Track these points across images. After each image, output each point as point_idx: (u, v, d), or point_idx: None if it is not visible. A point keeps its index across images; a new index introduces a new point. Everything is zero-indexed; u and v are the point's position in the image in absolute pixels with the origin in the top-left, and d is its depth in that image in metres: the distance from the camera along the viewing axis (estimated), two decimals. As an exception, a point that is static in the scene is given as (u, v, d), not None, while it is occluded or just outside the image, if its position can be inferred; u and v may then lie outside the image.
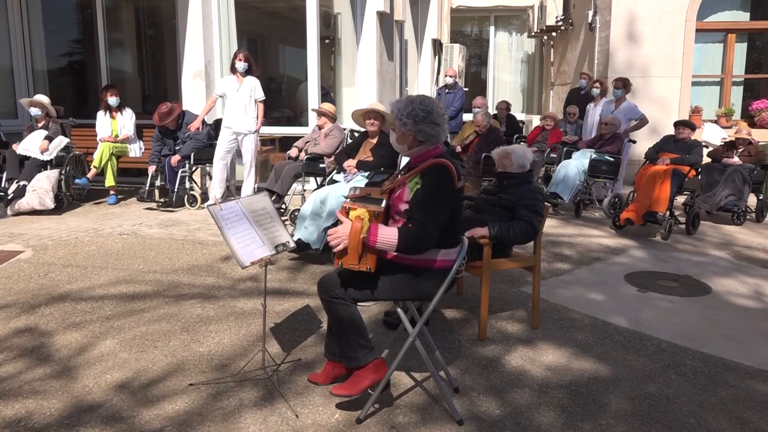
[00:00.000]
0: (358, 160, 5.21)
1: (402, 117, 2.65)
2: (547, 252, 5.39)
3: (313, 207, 4.90)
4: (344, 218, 2.53)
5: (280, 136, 9.21)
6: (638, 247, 5.68)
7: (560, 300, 4.20)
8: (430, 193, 2.54)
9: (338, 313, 2.59)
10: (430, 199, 2.53)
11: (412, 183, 2.61)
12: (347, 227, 2.51)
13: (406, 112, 2.65)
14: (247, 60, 6.95)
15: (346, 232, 2.50)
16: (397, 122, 2.66)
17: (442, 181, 2.57)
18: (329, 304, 2.62)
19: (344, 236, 2.50)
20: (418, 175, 2.60)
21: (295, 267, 4.88)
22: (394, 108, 2.69)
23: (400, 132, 2.67)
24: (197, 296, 4.18)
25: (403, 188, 2.63)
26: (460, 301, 4.16)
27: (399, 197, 2.63)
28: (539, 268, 3.76)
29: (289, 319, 3.78)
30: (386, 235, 2.50)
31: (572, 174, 7.04)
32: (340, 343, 2.65)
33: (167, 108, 7.09)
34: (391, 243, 2.50)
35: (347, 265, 2.53)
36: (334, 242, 2.51)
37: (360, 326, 2.63)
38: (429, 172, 2.59)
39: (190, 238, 5.79)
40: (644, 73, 9.43)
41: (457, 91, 9.53)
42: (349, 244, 2.49)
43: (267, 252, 2.89)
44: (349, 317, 2.60)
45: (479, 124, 7.44)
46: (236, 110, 6.93)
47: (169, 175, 7.05)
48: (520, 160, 3.81)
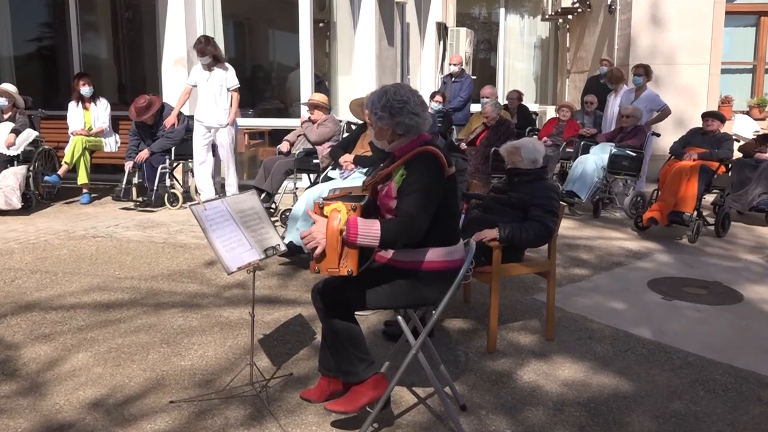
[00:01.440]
0: (355, 155, 5.21)
1: (377, 111, 2.62)
2: (563, 256, 5.39)
3: (305, 207, 4.90)
4: (318, 216, 2.46)
5: (270, 129, 9.22)
6: (663, 251, 5.68)
7: (577, 309, 4.20)
8: (416, 181, 2.52)
9: (334, 323, 2.59)
10: (416, 188, 2.51)
11: (397, 176, 2.60)
12: (322, 225, 2.43)
13: (380, 104, 2.62)
14: (203, 53, 6.74)
15: (322, 231, 2.43)
16: (372, 117, 2.64)
17: (428, 168, 2.55)
18: (324, 314, 2.61)
19: (320, 235, 2.43)
20: (402, 167, 2.59)
21: (287, 273, 4.88)
22: (368, 102, 2.66)
23: (377, 127, 2.65)
24: (179, 305, 4.18)
25: (390, 184, 2.63)
26: (467, 311, 4.15)
27: (387, 194, 2.62)
28: (554, 273, 3.76)
29: (280, 330, 3.78)
30: (367, 227, 2.43)
31: (590, 170, 7.04)
32: (336, 357, 2.65)
33: (145, 102, 7.06)
34: (374, 236, 2.43)
35: (326, 271, 2.45)
36: (311, 244, 2.44)
37: (358, 338, 2.63)
38: (413, 161, 2.58)
39: (170, 240, 5.78)
40: (669, 60, 9.44)
41: (464, 79, 9.54)
42: (327, 244, 2.42)
43: (255, 256, 2.89)
44: (347, 328, 2.60)
45: (488, 115, 7.45)
46: (206, 102, 6.89)
47: (148, 172, 7.05)
48: (531, 155, 3.81)
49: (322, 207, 2.48)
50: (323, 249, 2.44)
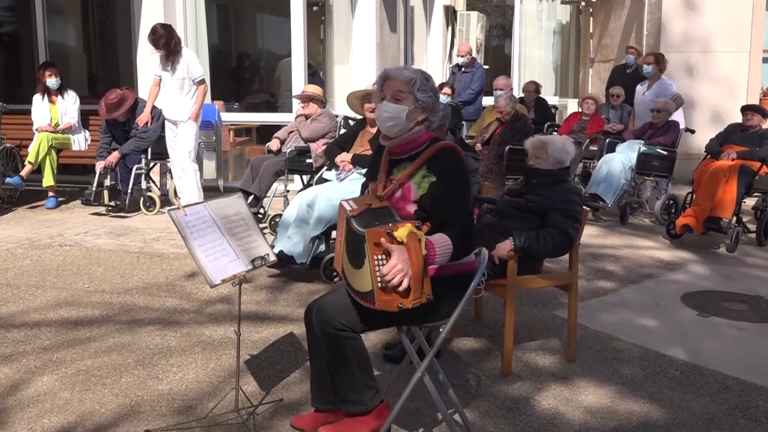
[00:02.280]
0: (353, 153, 5.22)
1: (425, 88, 2.68)
2: (587, 267, 5.39)
3: (298, 212, 4.90)
4: (392, 246, 2.38)
5: (258, 125, 9.24)
6: (698, 261, 5.68)
7: (602, 326, 4.19)
8: (454, 182, 2.59)
9: (344, 348, 2.57)
10: (457, 190, 2.59)
11: (417, 177, 2.62)
12: (404, 254, 2.37)
13: (429, 85, 2.70)
14: (155, 45, 6.59)
15: (406, 260, 2.36)
16: (416, 92, 2.66)
17: (460, 164, 2.64)
18: (334, 339, 2.57)
19: (406, 266, 2.37)
20: (423, 167, 2.62)
21: (277, 286, 4.88)
22: (407, 73, 2.69)
23: (415, 106, 2.66)
24: (156, 322, 4.18)
25: (404, 187, 2.64)
26: (478, 328, 4.15)
27: (404, 198, 2.63)
28: (576, 287, 3.75)
29: (269, 351, 3.77)
30: (441, 244, 2.50)
31: (616, 171, 7.05)
32: (341, 385, 2.63)
33: (116, 97, 7.05)
34: (448, 251, 2.52)
35: (411, 304, 2.42)
36: (397, 279, 2.36)
37: (368, 362, 2.63)
38: (440, 159, 2.63)
39: (146, 250, 5.79)
40: (705, 48, 9.46)
41: (476, 69, 9.55)
42: (413, 275, 2.39)
43: (242, 267, 2.89)
44: (357, 353, 2.59)
45: (502, 110, 7.45)
46: (169, 96, 6.86)
47: (121, 173, 7.07)
48: (559, 155, 3.80)
49: (391, 233, 2.40)
50: (409, 282, 2.39)
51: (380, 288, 2.41)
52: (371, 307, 2.46)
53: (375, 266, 2.41)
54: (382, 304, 2.43)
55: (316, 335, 2.66)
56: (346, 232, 2.58)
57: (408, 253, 2.37)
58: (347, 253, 2.58)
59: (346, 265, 2.60)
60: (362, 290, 2.48)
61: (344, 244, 2.60)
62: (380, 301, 2.42)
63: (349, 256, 2.56)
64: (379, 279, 2.40)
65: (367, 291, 2.45)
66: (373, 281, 2.42)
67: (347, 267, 2.58)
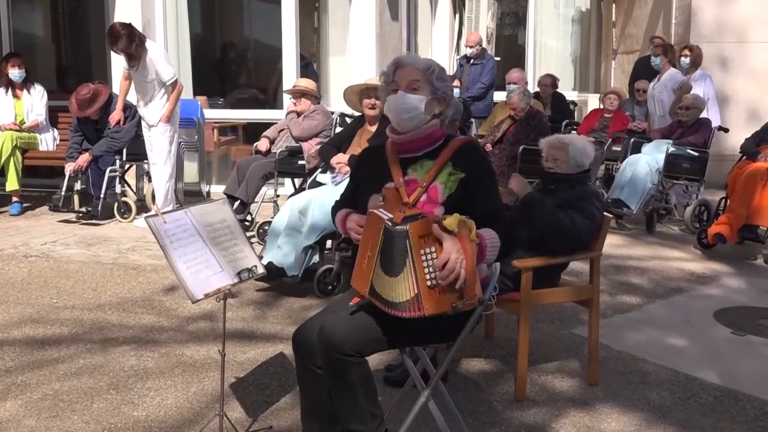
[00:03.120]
0: (350, 154, 5.23)
1: (443, 76, 2.73)
2: (609, 280, 5.39)
3: (289, 219, 4.91)
4: (443, 233, 2.36)
5: (244, 122, 9.25)
6: (733, 274, 5.68)
7: (627, 346, 4.19)
8: (486, 177, 2.69)
9: (351, 375, 2.54)
10: (491, 185, 2.69)
11: (443, 176, 2.65)
12: (456, 242, 2.36)
13: (445, 74, 2.76)
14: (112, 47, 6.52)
15: (459, 248, 2.35)
16: (434, 81, 2.70)
17: (488, 159, 2.77)
18: (342, 365, 2.53)
19: (461, 256, 2.35)
20: (449, 164, 2.66)
21: (265, 301, 4.88)
22: (422, 60, 2.74)
23: (431, 97, 2.70)
24: (131, 341, 4.18)
25: (429, 188, 2.65)
26: (489, 348, 4.15)
27: (430, 200, 2.64)
28: (598, 302, 3.75)
29: (257, 373, 3.77)
30: (491, 237, 2.55)
31: (642, 174, 7.05)
32: (344, 414, 2.60)
33: (89, 93, 7.05)
34: (497, 247, 2.57)
35: (465, 305, 2.38)
36: (456, 269, 2.34)
37: (374, 388, 2.61)
38: (467, 154, 2.69)
39: (121, 261, 5.79)
40: (740, 38, 9.48)
41: (486, 61, 9.58)
42: (467, 268, 2.37)
43: (227, 280, 2.90)
44: (365, 379, 2.57)
45: (515, 106, 7.47)
46: (139, 94, 6.85)
47: (93, 177, 7.07)
48: (579, 157, 3.81)
49: (441, 221, 2.37)
50: (465, 278, 2.37)
51: (430, 287, 2.36)
52: (415, 315, 2.38)
53: (422, 261, 2.36)
54: (432, 306, 2.36)
55: (309, 360, 2.64)
56: (383, 243, 2.45)
57: (460, 242, 2.38)
58: (382, 266, 2.46)
59: (377, 279, 2.49)
60: (400, 300, 2.41)
61: (378, 259, 2.47)
62: (431, 302, 2.36)
63: (384, 267, 2.46)
64: (428, 275, 2.36)
65: (407, 299, 2.39)
66: (420, 281, 2.36)
67: (378, 279, 2.48)
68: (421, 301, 2.37)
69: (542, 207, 3.63)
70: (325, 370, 2.58)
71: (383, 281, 2.46)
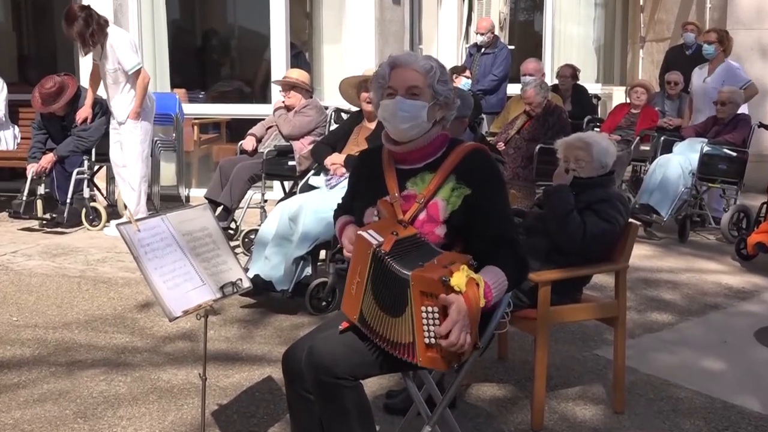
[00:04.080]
0: (347, 154, 5.24)
1: (444, 78, 2.71)
2: (637, 295, 5.39)
3: (277, 227, 4.91)
4: (449, 298, 2.36)
5: (228, 118, 9.27)
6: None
7: (657, 369, 4.19)
8: (495, 192, 2.66)
9: (345, 401, 2.55)
10: (500, 202, 2.66)
11: (445, 191, 2.63)
12: (462, 308, 2.36)
13: (447, 75, 2.73)
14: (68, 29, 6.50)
15: (465, 313, 2.36)
16: (436, 84, 2.67)
17: (497, 169, 2.71)
18: (332, 389, 2.55)
19: (467, 323, 2.37)
20: (452, 177, 2.64)
21: (251, 319, 4.88)
22: (421, 61, 2.70)
23: (432, 103, 2.68)
24: (100, 363, 4.17)
25: (429, 205, 2.64)
26: (502, 372, 4.15)
27: (430, 219, 2.63)
28: (624, 320, 3.75)
29: (242, 400, 3.77)
30: (496, 281, 2.52)
31: (674, 176, 7.06)
32: None
33: (54, 86, 7.04)
34: (503, 288, 2.56)
35: (462, 361, 2.47)
36: (460, 342, 2.36)
37: (370, 415, 2.62)
38: (472, 165, 2.66)
39: (89, 274, 5.79)
40: (782, 24, 9.49)
41: (499, 50, 9.59)
42: (471, 327, 2.40)
43: (208, 295, 2.90)
44: (359, 405, 2.58)
45: (531, 101, 7.48)
46: (107, 87, 6.87)
47: (59, 179, 7.08)
48: (603, 158, 3.81)
49: (447, 282, 2.36)
50: (469, 342, 2.40)
51: (427, 345, 2.41)
52: (408, 360, 2.46)
53: (422, 319, 2.40)
54: (427, 362, 2.44)
55: (300, 385, 2.64)
56: (372, 271, 2.51)
57: (467, 304, 2.37)
58: (375, 297, 2.52)
59: (368, 309, 2.54)
60: (397, 340, 2.47)
61: (368, 287, 2.53)
62: (425, 358, 2.42)
63: (380, 302, 2.51)
64: (426, 335, 2.40)
65: (406, 343, 2.45)
66: (416, 334, 2.42)
67: (370, 310, 2.53)
68: (415, 351, 2.43)
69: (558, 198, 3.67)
70: (315, 394, 2.59)
71: (376, 315, 2.52)
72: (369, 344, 2.58)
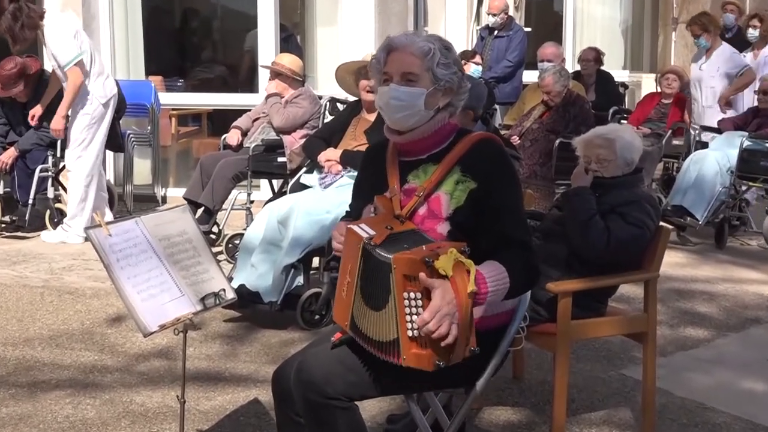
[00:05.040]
0: (343, 150, 5.24)
1: (446, 60, 2.67)
2: (669, 308, 5.39)
3: (265, 231, 4.91)
4: (433, 281, 2.33)
5: (210, 109, 9.27)
6: (825, 301, 5.68)
7: (691, 391, 4.18)
8: (504, 187, 2.64)
9: (337, 425, 2.55)
10: (509, 198, 2.64)
11: (449, 184, 2.63)
12: (448, 292, 2.33)
13: (451, 57, 2.69)
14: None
15: (451, 299, 2.33)
16: (435, 68, 2.64)
17: (508, 162, 2.70)
18: (323, 410, 2.55)
19: (453, 310, 2.33)
20: (456, 169, 2.64)
21: (236, 334, 4.88)
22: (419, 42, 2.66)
23: (432, 88, 2.65)
24: (66, 384, 4.17)
25: (431, 199, 2.65)
26: (518, 394, 4.15)
27: (431, 214, 2.63)
28: (654, 336, 3.75)
29: (225, 425, 3.76)
30: (495, 275, 2.47)
31: (710, 174, 7.05)
32: None
33: (15, 68, 6.98)
34: (503, 288, 2.49)
35: (452, 361, 2.38)
36: (443, 330, 2.31)
37: None
38: (480, 156, 2.65)
39: (54, 284, 5.79)
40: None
41: (514, 33, 9.58)
42: (460, 321, 2.35)
43: (188, 308, 2.90)
44: (353, 428, 2.58)
45: (549, 89, 7.48)
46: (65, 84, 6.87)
47: (20, 177, 7.07)
48: (628, 153, 3.81)
49: (431, 262, 2.32)
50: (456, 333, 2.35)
51: (410, 338, 2.36)
52: (394, 361, 2.41)
53: (405, 307, 2.36)
54: (412, 360, 2.37)
55: (291, 408, 2.65)
56: (363, 267, 2.49)
57: (453, 290, 2.34)
58: (363, 295, 2.51)
59: (357, 310, 2.53)
60: (382, 339, 2.44)
61: (357, 285, 2.51)
62: (409, 355, 2.36)
63: (365, 296, 2.50)
64: (409, 325, 2.35)
65: (390, 340, 2.41)
66: (400, 327, 2.37)
67: (359, 311, 2.52)
68: (399, 348, 2.38)
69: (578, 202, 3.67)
70: (304, 417, 2.59)
71: (364, 314, 2.50)
72: (366, 360, 2.57)
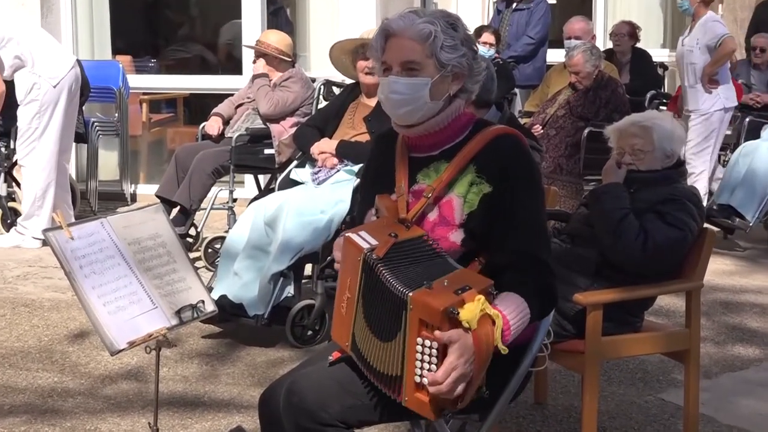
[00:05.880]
0: (339, 140, 5.25)
1: (452, 42, 2.62)
2: (715, 323, 5.39)
3: (251, 234, 4.92)
4: (452, 334, 2.34)
5: (186, 94, 9.28)
6: None
7: (739, 418, 4.18)
8: (525, 192, 2.61)
9: None
10: (530, 206, 2.61)
11: (462, 185, 2.62)
12: (467, 349, 2.33)
13: (459, 36, 2.64)
14: None
15: (469, 357, 2.33)
16: (439, 52, 2.60)
17: (530, 162, 2.67)
18: None
19: (468, 369, 2.34)
20: (471, 168, 2.63)
21: (217, 352, 4.89)
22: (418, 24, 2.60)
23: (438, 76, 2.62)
24: (21, 410, 4.17)
25: (442, 203, 2.65)
26: (540, 421, 4.16)
27: (443, 220, 2.63)
28: (698, 355, 3.75)
29: (204, 456, 3.79)
30: (518, 314, 2.47)
31: (762, 169, 7.05)
32: None
33: None
34: (524, 323, 2.51)
35: (458, 408, 2.42)
36: (459, 389, 2.35)
37: None
38: (497, 155, 2.62)
39: (7, 294, 5.80)
40: None
41: (535, 6, 9.56)
42: (475, 374, 2.37)
43: (161, 322, 2.90)
44: None
45: (578, 69, 7.48)
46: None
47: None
48: (668, 144, 3.82)
49: (455, 314, 2.32)
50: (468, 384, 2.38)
51: (417, 384, 2.39)
52: (394, 397, 2.44)
53: (416, 353, 2.38)
54: (414, 404, 2.40)
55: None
56: (363, 283, 2.51)
57: (475, 346, 2.34)
58: (364, 313, 2.53)
59: (359, 332, 2.55)
60: (384, 371, 2.46)
61: (359, 303, 2.53)
62: (412, 398, 2.40)
63: (368, 318, 2.52)
64: (418, 371, 2.38)
65: (393, 375, 2.44)
66: (407, 368, 2.40)
67: (361, 333, 2.54)
68: (402, 387, 2.41)
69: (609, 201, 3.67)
70: None
71: (367, 338, 2.52)
72: (367, 380, 2.57)
